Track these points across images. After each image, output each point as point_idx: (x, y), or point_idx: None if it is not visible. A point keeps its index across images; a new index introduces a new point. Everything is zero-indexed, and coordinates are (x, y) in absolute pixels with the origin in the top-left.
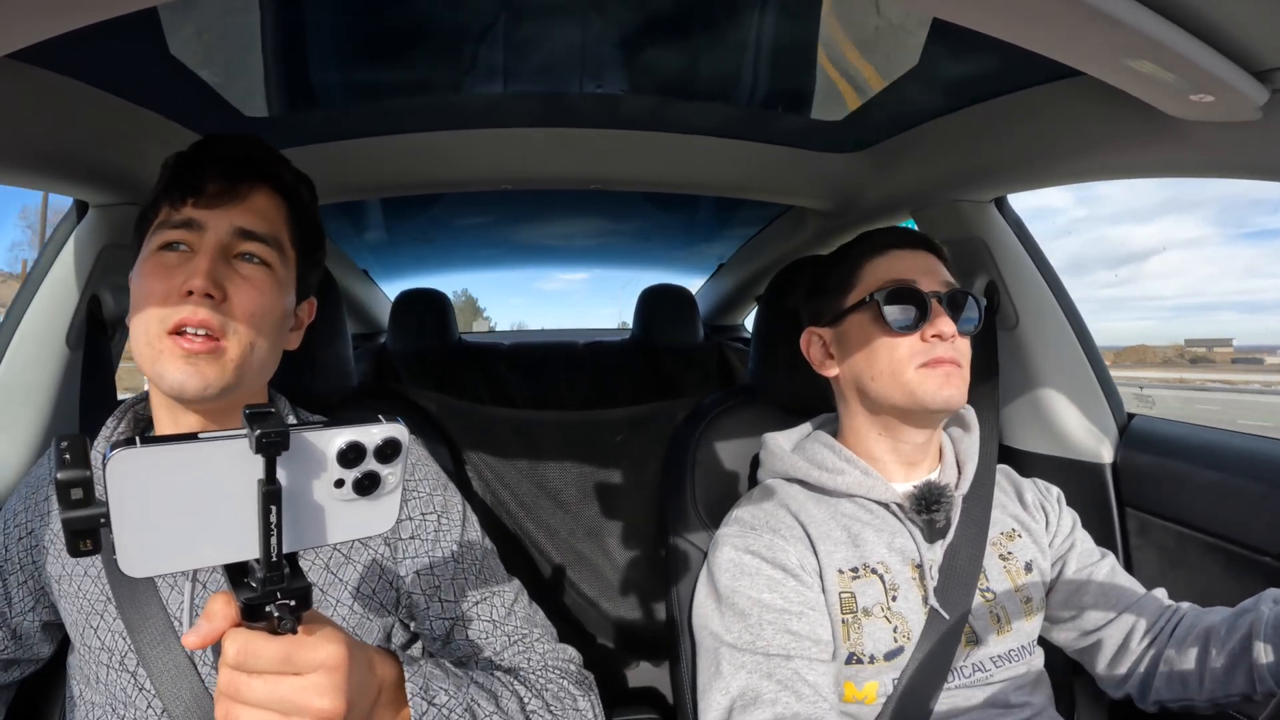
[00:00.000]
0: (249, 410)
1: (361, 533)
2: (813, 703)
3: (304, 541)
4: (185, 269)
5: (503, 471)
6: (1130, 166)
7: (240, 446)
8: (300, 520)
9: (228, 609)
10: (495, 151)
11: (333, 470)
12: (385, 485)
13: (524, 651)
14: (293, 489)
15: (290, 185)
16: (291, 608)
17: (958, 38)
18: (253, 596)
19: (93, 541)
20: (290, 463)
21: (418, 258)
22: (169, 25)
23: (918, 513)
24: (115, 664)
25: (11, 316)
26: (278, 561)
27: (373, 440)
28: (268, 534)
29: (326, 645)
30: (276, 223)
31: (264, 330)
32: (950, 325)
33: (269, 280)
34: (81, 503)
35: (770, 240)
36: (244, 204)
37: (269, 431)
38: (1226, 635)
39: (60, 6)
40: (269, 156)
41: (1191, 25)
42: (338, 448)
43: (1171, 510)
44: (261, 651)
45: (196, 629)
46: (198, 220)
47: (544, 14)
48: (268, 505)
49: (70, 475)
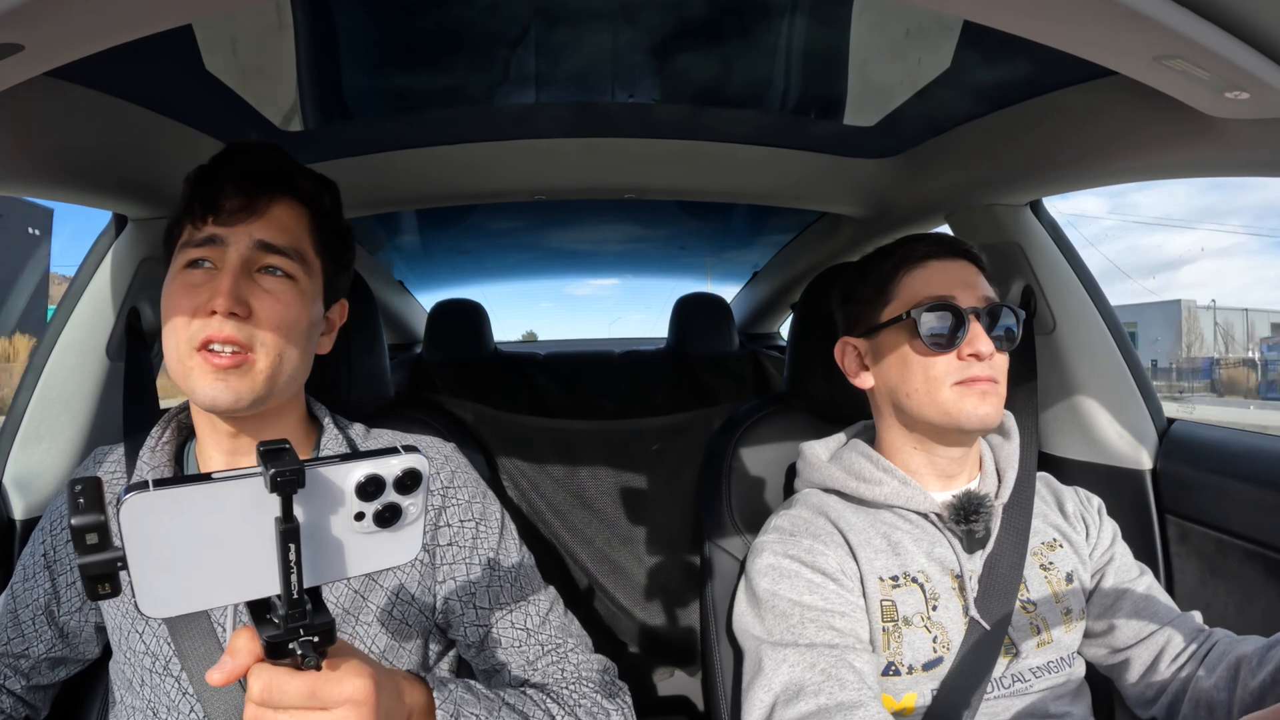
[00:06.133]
0: (263, 447)
1: (384, 564)
2: (856, 690)
3: (325, 575)
4: (210, 286)
5: (538, 480)
6: (1165, 166)
7: (255, 485)
8: (321, 555)
9: (251, 644)
10: (529, 162)
11: (352, 504)
12: (407, 516)
13: (558, 661)
14: (311, 524)
15: (310, 193)
16: (315, 644)
17: (989, 40)
18: (275, 635)
19: (111, 585)
20: (308, 498)
21: (452, 267)
22: (204, 42)
23: (957, 523)
24: (159, 669)
25: (53, 328)
26: (299, 598)
27: (392, 472)
28: (287, 572)
29: (352, 679)
30: (298, 233)
31: (292, 340)
32: (989, 344)
33: (293, 292)
34: (97, 547)
35: (805, 247)
36: (263, 218)
37: (283, 470)
38: (1258, 666)
39: (97, 25)
40: (286, 167)
41: (1225, 22)
42: (356, 481)
43: (1212, 517)
44: (286, 688)
45: (221, 666)
46: (219, 236)
47: (575, 22)
48: (286, 544)
49: (85, 521)
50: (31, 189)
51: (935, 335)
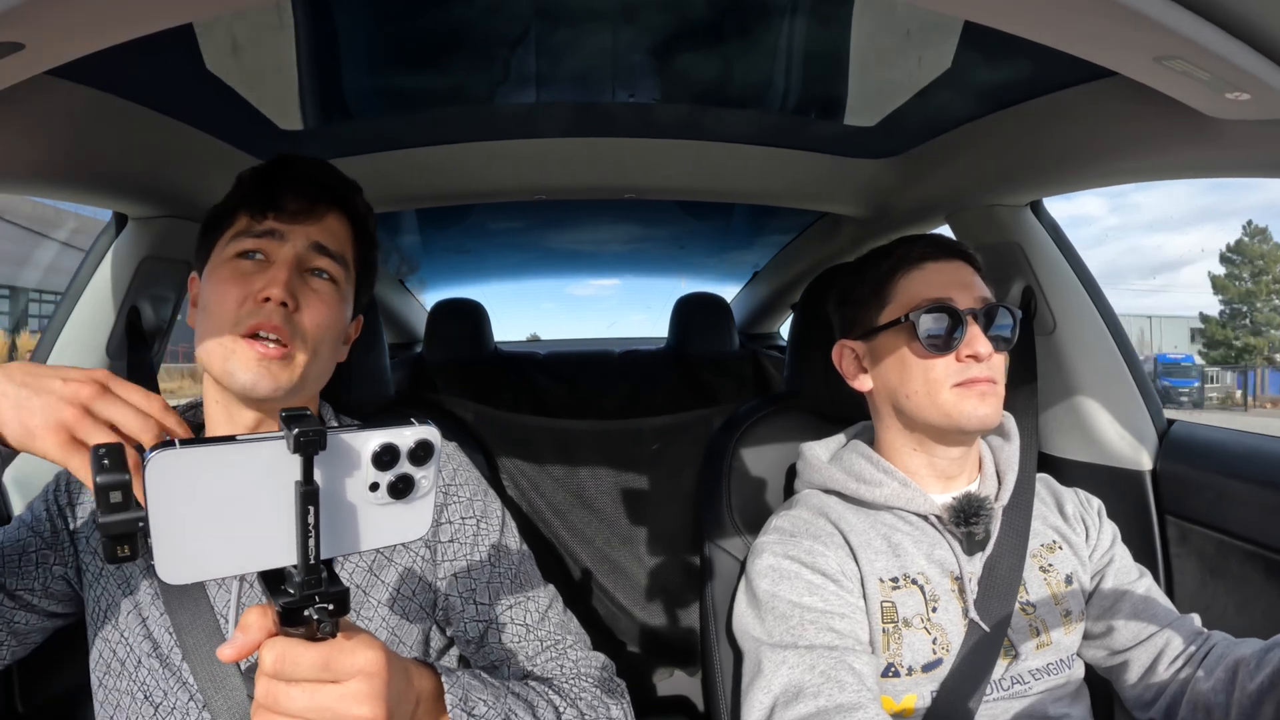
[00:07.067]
0: (285, 412)
1: (397, 538)
2: (856, 691)
3: (340, 547)
4: (262, 276)
5: (538, 479)
6: (1165, 167)
7: (278, 447)
8: (336, 525)
9: (263, 620)
10: (529, 162)
11: (368, 473)
12: (419, 489)
13: (557, 658)
14: (329, 492)
15: (360, 211)
16: (330, 611)
17: (990, 41)
18: (291, 600)
19: (130, 547)
20: (326, 465)
21: (452, 267)
22: (204, 41)
23: (956, 525)
24: (159, 656)
25: (52, 327)
26: (316, 564)
27: (406, 442)
28: (305, 535)
29: (365, 650)
30: (345, 243)
31: (327, 341)
32: (987, 345)
33: (335, 295)
34: (121, 506)
35: (805, 247)
36: (320, 223)
37: (306, 430)
38: (1256, 668)
39: (97, 23)
40: (346, 183)
41: (1226, 22)
42: (372, 449)
43: (1212, 518)
44: (300, 658)
45: (232, 641)
46: (279, 231)
47: (576, 22)
48: (306, 506)
49: (109, 479)
50: (32, 188)
51: (933, 337)
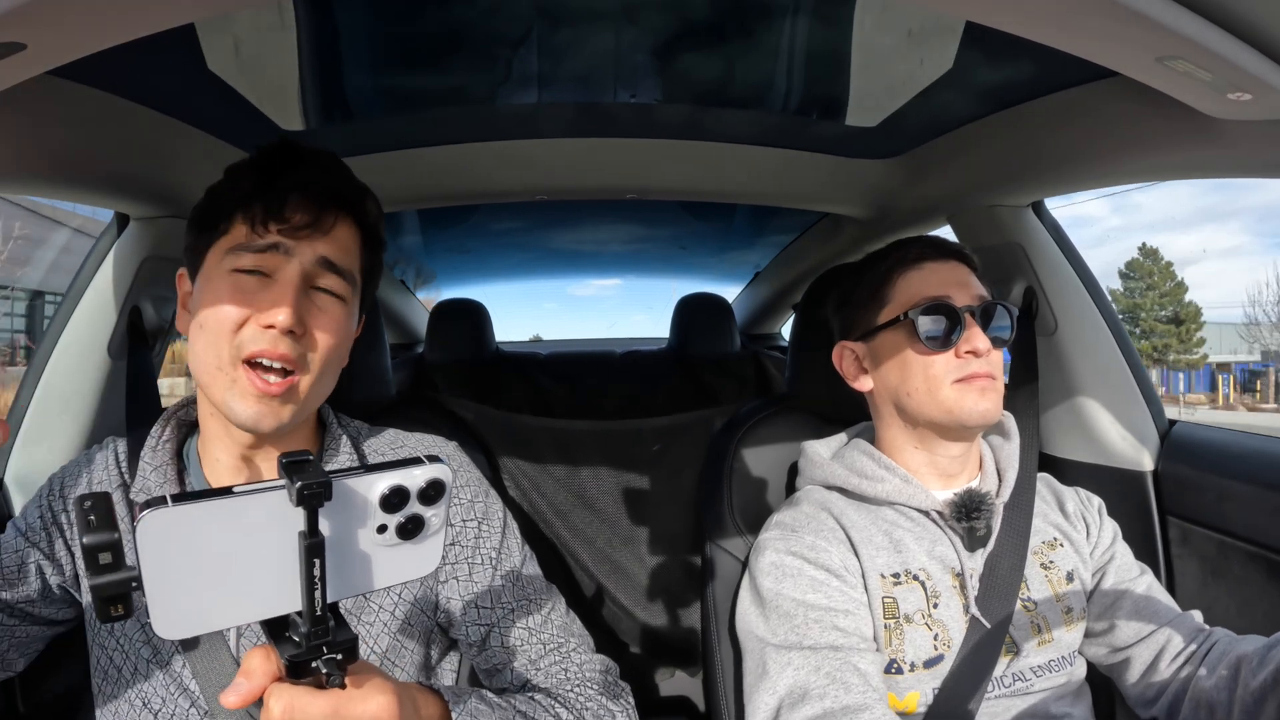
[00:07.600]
0: (285, 460)
1: (405, 576)
2: (861, 693)
3: (347, 590)
4: (265, 297)
5: (539, 480)
6: (1167, 167)
7: (279, 499)
8: (342, 569)
9: (267, 664)
10: (530, 163)
11: (376, 516)
12: (429, 527)
13: (560, 661)
14: (334, 538)
15: (370, 216)
16: (339, 662)
17: (992, 41)
18: (298, 653)
19: (124, 606)
20: (331, 512)
21: (453, 267)
22: (206, 41)
23: (958, 520)
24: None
25: (53, 328)
26: (322, 615)
27: (416, 483)
28: (311, 588)
29: (376, 697)
30: (354, 255)
31: (335, 360)
32: (985, 341)
33: (343, 314)
34: (111, 567)
35: (806, 248)
36: (328, 236)
37: (310, 483)
38: (1259, 666)
39: (99, 24)
40: (357, 189)
41: (1228, 23)
42: (380, 493)
43: (1213, 519)
44: (309, 708)
45: (235, 688)
46: (284, 246)
47: (577, 23)
48: (311, 559)
49: (97, 539)
50: (33, 188)
51: (932, 335)
